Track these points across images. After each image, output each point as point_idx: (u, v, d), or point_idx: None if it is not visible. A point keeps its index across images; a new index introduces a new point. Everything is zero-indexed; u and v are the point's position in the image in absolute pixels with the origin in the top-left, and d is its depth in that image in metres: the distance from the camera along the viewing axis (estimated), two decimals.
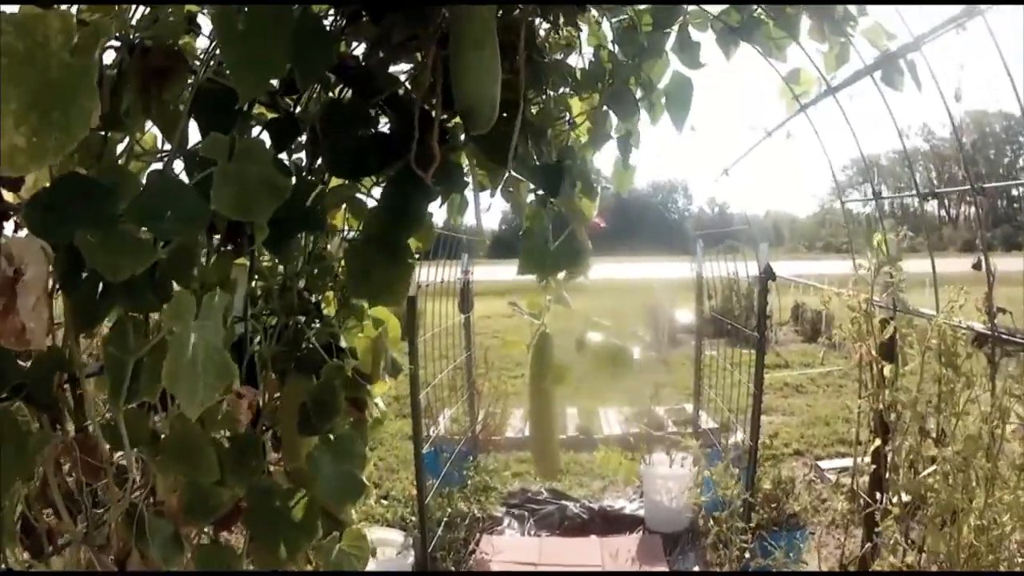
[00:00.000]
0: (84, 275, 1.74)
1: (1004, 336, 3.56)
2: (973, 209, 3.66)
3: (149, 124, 2.20)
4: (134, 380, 1.80)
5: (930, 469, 3.80)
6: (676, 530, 8.05)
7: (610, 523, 8.54)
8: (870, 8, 2.98)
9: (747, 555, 6.15)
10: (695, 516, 7.85)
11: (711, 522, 6.69)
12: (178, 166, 2.01)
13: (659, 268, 23.05)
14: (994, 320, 3.60)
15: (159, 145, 2.32)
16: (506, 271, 3.24)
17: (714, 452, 8.05)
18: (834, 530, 6.04)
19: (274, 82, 2.35)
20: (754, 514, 6.48)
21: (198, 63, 2.18)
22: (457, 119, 2.71)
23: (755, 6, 3.18)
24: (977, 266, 3.66)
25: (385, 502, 8.41)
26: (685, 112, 3.44)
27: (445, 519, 7.51)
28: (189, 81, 2.12)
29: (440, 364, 8.36)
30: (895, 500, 4.13)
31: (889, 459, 4.27)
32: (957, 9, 3.14)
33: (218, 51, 2.03)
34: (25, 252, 1.61)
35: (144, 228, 1.66)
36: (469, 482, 8.38)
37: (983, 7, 3.00)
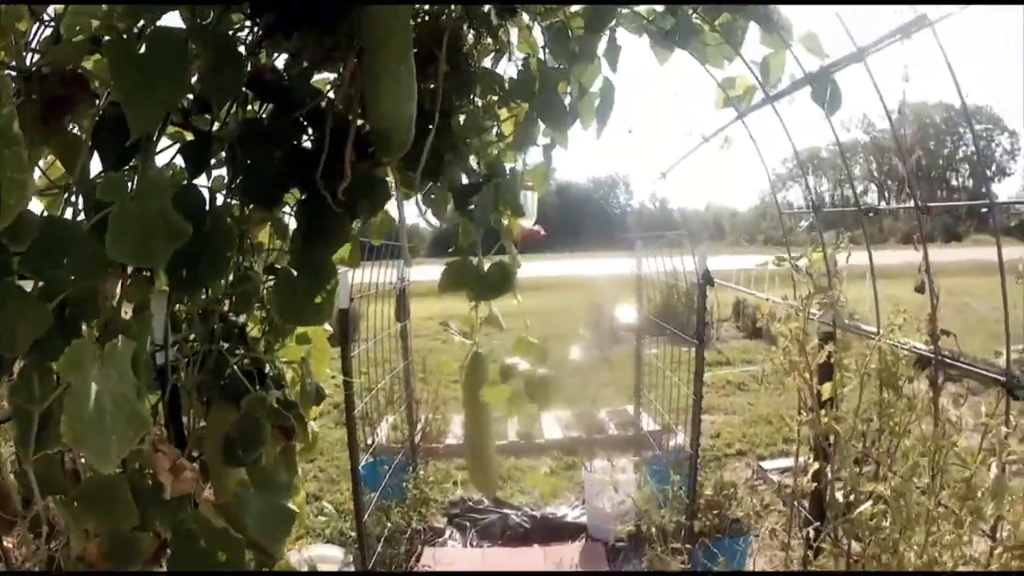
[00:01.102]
0: None
1: (947, 360, 3.50)
2: (914, 202, 3.60)
3: None
4: (44, 427, 1.67)
5: (865, 506, 3.70)
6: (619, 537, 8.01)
7: (552, 531, 8.48)
8: (811, 16, 2.91)
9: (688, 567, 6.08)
10: (638, 523, 7.80)
11: (653, 530, 6.63)
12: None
13: (600, 264, 23.06)
14: (937, 343, 3.55)
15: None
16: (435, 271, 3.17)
17: (655, 457, 8.02)
18: (776, 538, 6.01)
19: (188, 97, 2.24)
20: (696, 521, 6.43)
21: (99, 84, 2.05)
22: None
23: (691, 12, 3.11)
24: (920, 289, 3.62)
25: (324, 517, 8.27)
26: (607, 116, 3.41)
27: (385, 533, 7.40)
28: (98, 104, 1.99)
29: (381, 369, 8.25)
30: (831, 535, 4.05)
31: (829, 485, 4.17)
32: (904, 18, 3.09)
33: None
34: None
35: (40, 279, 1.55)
36: (409, 495, 8.27)
37: (932, 19, 2.94)
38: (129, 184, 1.77)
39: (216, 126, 2.41)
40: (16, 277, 1.54)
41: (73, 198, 1.91)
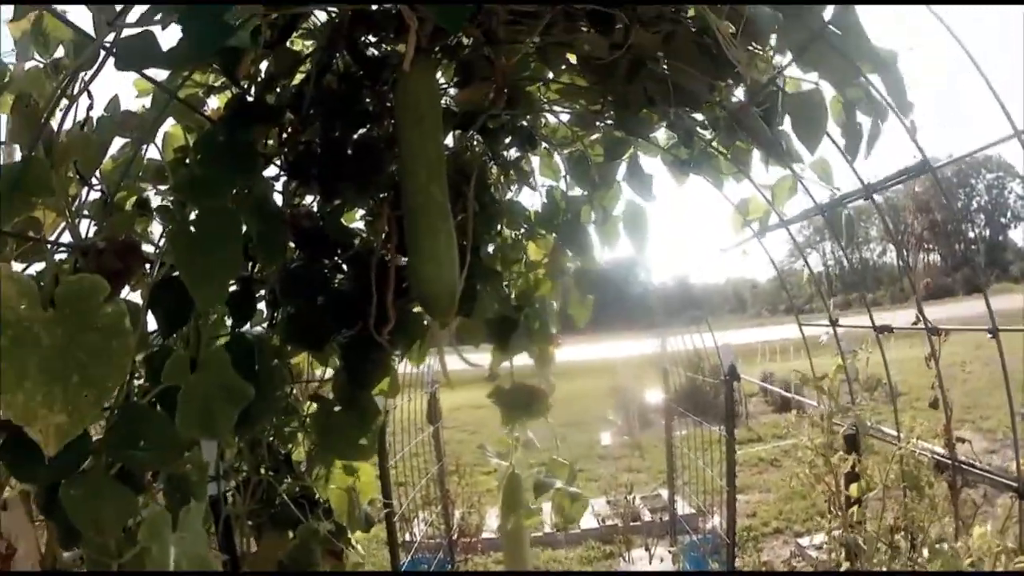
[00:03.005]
0: None
1: (964, 465, 3.58)
2: (932, 257, 3.70)
3: None
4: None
5: None
6: None
7: None
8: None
9: None
10: None
11: None
12: None
13: (623, 347, 22.88)
14: (954, 450, 3.63)
15: None
16: (475, 359, 3.24)
17: (691, 543, 8.01)
18: None
19: None
20: None
21: (152, 248, 2.16)
22: None
23: (703, 144, 3.21)
24: (934, 405, 3.71)
25: None
26: (644, 238, 3.52)
27: None
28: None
29: (413, 464, 8.29)
30: None
31: None
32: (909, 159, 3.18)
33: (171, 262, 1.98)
34: (15, 528, 1.60)
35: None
36: None
37: (934, 164, 3.03)
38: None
39: (256, 269, 2.51)
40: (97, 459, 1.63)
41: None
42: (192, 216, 1.90)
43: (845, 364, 4.35)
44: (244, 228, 2.20)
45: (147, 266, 2.08)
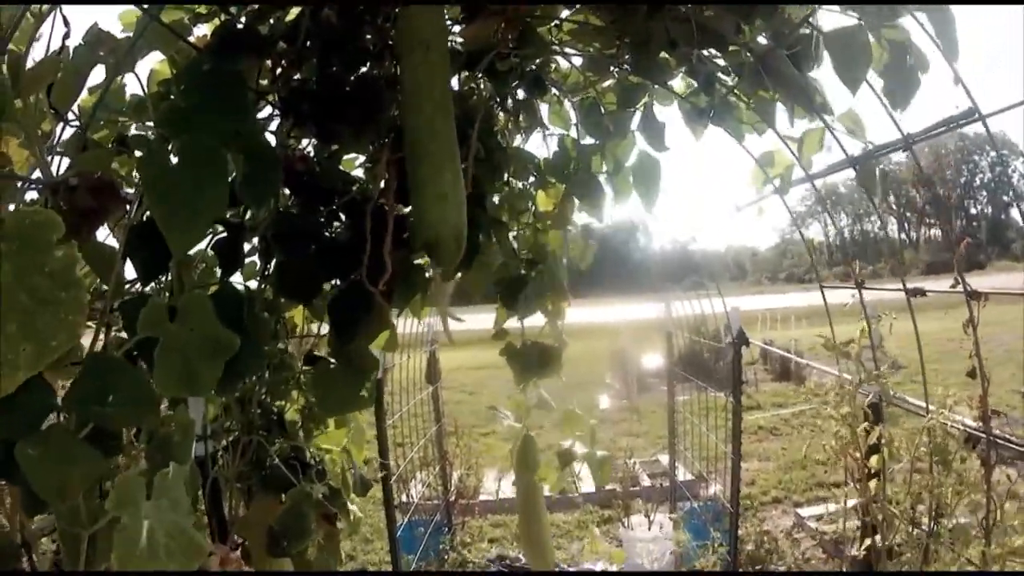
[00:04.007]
0: None
1: (999, 440, 3.44)
2: (934, 232, 3.58)
3: None
4: (91, 544, 1.61)
5: None
6: None
7: None
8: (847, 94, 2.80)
9: None
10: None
11: None
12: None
13: (623, 310, 22.87)
14: (988, 423, 3.49)
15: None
16: (472, 319, 3.11)
17: (691, 510, 7.94)
18: None
19: None
20: None
21: (130, 190, 2.00)
22: None
23: (725, 91, 3.04)
24: (972, 374, 3.58)
25: None
26: (654, 192, 3.35)
27: None
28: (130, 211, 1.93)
29: (411, 425, 8.22)
30: None
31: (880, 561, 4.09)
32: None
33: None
34: None
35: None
36: (448, 557, 8.19)
37: (984, 113, 2.89)
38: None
39: (248, 215, 2.36)
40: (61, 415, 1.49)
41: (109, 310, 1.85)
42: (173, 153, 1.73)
43: (870, 329, 4.23)
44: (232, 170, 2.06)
45: (126, 207, 1.93)
